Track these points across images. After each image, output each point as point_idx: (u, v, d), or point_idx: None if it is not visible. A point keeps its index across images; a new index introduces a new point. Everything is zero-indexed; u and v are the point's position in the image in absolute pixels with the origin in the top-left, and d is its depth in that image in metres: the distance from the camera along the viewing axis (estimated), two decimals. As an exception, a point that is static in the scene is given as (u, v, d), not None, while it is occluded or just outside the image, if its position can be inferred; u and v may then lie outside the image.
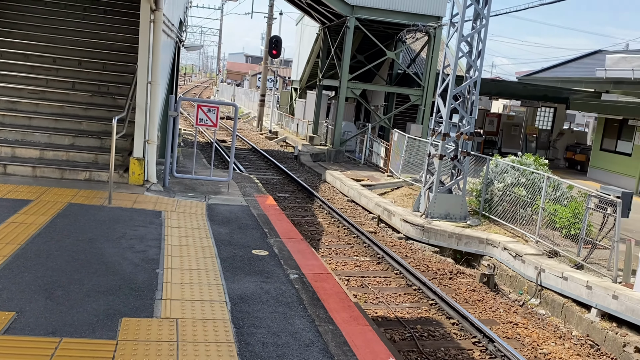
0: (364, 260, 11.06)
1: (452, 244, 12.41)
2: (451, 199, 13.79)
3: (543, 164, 13.79)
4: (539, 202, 12.16)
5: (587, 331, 8.84)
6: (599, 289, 8.88)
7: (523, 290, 10.59)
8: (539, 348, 8.01)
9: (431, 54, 23.11)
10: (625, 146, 20.96)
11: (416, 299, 9.33)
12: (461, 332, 8.17)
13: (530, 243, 11.87)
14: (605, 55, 31.33)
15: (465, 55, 13.80)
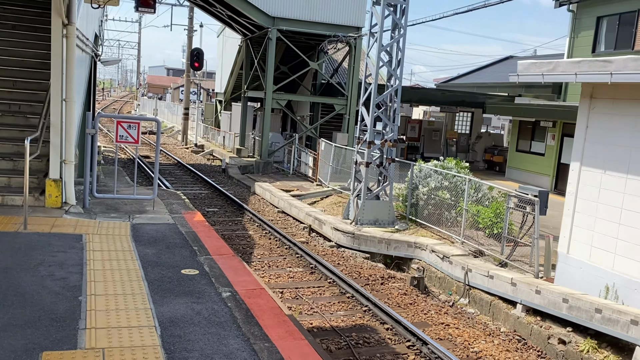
0: (297, 271, 11.01)
1: (382, 249, 12.60)
2: (379, 205, 14.02)
3: (464, 167, 14.29)
4: (462, 204, 12.57)
5: (514, 326, 9.19)
6: (523, 285, 9.26)
7: (452, 291, 10.88)
8: (471, 347, 8.23)
9: (353, 63, 23.51)
10: (538, 146, 22.11)
11: (350, 306, 9.38)
12: (395, 336, 8.28)
13: (457, 244, 12.23)
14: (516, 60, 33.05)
15: (385, 65, 14.11)
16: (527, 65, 9.79)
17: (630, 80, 7.92)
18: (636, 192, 8.34)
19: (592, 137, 9.17)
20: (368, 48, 14.43)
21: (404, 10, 13.92)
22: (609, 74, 8.11)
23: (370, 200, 13.89)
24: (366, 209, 13.76)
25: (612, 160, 8.77)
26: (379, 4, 13.69)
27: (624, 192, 8.53)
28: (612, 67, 8.11)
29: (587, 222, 9.20)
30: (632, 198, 8.41)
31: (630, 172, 8.45)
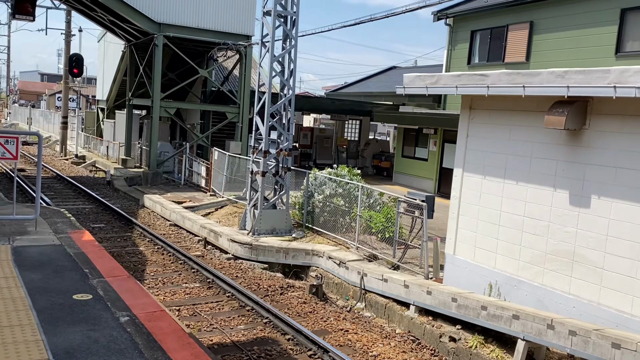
0: (193, 286, 10.75)
1: (281, 259, 12.65)
2: (276, 214, 14.07)
3: (356, 174, 14.74)
4: (356, 210, 12.96)
5: (408, 327, 9.60)
6: (415, 287, 9.71)
7: (349, 296, 11.16)
8: (370, 351, 8.49)
9: (244, 71, 23.41)
10: (422, 152, 23.33)
11: (250, 319, 9.32)
12: (297, 346, 8.35)
13: (352, 249, 12.58)
14: (400, 71, 34.60)
15: (278, 75, 14.22)
16: (413, 78, 10.31)
17: (504, 93, 8.60)
18: (512, 196, 9.07)
19: (472, 145, 9.83)
20: (260, 58, 14.47)
21: (295, 21, 14.11)
22: (485, 87, 8.76)
23: (267, 210, 13.89)
24: (263, 218, 13.75)
25: (490, 166, 9.46)
26: (270, 14, 13.77)
27: (502, 196, 9.24)
28: (488, 81, 8.76)
29: (470, 225, 9.85)
30: (509, 201, 9.13)
31: (506, 178, 9.17)
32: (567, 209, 8.24)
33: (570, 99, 7.83)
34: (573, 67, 7.89)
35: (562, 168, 8.31)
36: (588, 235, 7.95)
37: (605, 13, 16.50)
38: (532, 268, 8.75)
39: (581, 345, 7.08)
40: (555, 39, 18.06)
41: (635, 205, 7.38)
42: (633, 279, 7.41)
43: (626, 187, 7.51)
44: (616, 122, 7.64)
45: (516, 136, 9.03)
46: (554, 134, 8.37)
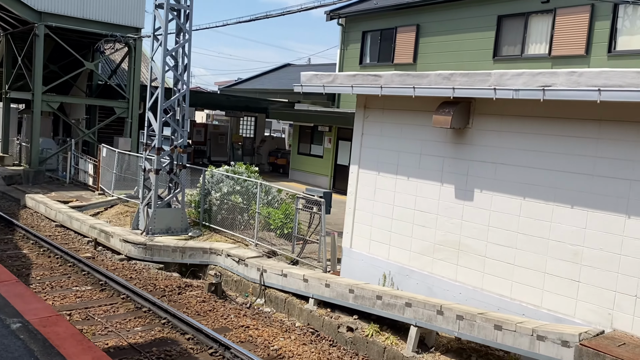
0: (85, 289, 10.26)
1: (177, 258, 12.39)
2: (171, 212, 13.74)
3: (254, 171, 14.77)
4: (255, 207, 12.99)
5: (307, 320, 9.81)
6: (314, 280, 9.94)
7: (249, 293, 11.19)
8: (271, 345, 8.59)
9: (133, 65, 22.55)
10: (317, 149, 23.79)
11: (148, 320, 9.07)
12: (197, 345, 8.26)
13: (251, 247, 12.60)
14: (293, 68, 34.95)
15: (171, 69, 13.88)
16: (310, 76, 10.52)
17: (396, 93, 9.04)
18: (404, 191, 9.56)
19: (367, 143, 10.23)
20: (152, 52, 14.03)
21: (188, 15, 13.85)
22: (379, 87, 9.15)
23: (161, 209, 13.53)
24: (157, 217, 13.38)
25: (384, 163, 9.90)
26: (162, 7, 13.40)
27: (395, 191, 9.71)
28: (381, 81, 9.16)
29: (366, 219, 10.25)
30: (401, 196, 9.61)
31: (399, 173, 9.65)
32: (453, 202, 8.84)
33: (456, 100, 8.40)
34: (456, 69, 8.48)
35: (449, 164, 8.90)
36: (472, 226, 8.58)
37: (483, 19, 17.77)
38: (423, 258, 9.29)
39: (467, 329, 7.64)
40: (440, 42, 19.16)
41: (513, 197, 8.08)
42: (512, 266, 8.11)
43: (504, 181, 8.19)
44: (496, 121, 8.31)
45: (407, 134, 9.52)
46: (441, 132, 8.93)
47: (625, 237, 6.94)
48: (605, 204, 7.12)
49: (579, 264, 7.36)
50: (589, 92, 6.66)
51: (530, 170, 7.90)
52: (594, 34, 15.15)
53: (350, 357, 8.61)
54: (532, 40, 16.69)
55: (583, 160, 7.34)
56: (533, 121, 7.86)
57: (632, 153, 6.89)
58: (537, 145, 7.82)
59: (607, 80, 6.54)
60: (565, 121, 7.52)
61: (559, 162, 7.58)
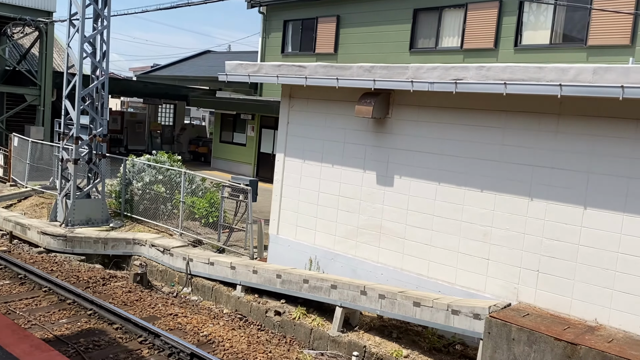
0: (3, 283, 9.90)
1: (99, 250, 12.17)
2: (91, 203, 13.42)
3: (177, 160, 14.65)
4: (179, 196, 12.95)
5: (235, 307, 10.01)
6: (242, 268, 10.14)
7: (175, 282, 11.21)
8: (200, 332, 8.73)
9: (45, 50, 21.55)
10: (240, 137, 23.79)
11: (73, 312, 8.94)
12: (126, 334, 8.26)
13: (176, 236, 12.57)
14: (214, 55, 34.52)
15: (89, 56, 13.47)
16: (235, 66, 10.63)
17: (320, 84, 9.35)
18: (329, 178, 9.93)
19: (293, 131, 10.50)
20: (69, 38, 13.54)
21: (107, 1, 13.47)
22: (304, 77, 9.43)
23: (80, 200, 13.18)
24: (77, 208, 13.03)
25: (310, 151, 10.22)
26: (79, -9, 12.97)
27: (320, 178, 10.06)
28: (306, 72, 9.44)
29: (292, 206, 10.54)
30: (326, 183, 9.98)
31: (324, 161, 10.00)
32: (375, 188, 9.30)
33: (377, 91, 8.83)
34: (375, 60, 8.93)
35: (371, 152, 9.34)
36: (392, 210, 9.09)
37: (401, 12, 18.44)
38: (347, 242, 9.72)
39: (389, 307, 8.14)
40: (360, 33, 19.69)
41: (429, 183, 8.64)
42: (429, 246, 8.68)
43: (421, 167, 8.74)
44: (413, 112, 8.83)
45: (331, 123, 9.88)
46: (364, 121, 9.35)
47: (528, 218, 7.65)
48: (510, 187, 7.80)
49: (489, 243, 8.03)
50: (496, 86, 7.26)
51: (444, 158, 8.47)
52: (502, 28, 16.15)
53: (278, 339, 8.91)
54: (445, 33, 17.53)
55: (491, 148, 7.98)
56: (447, 112, 8.43)
57: (534, 141, 7.58)
58: (450, 134, 8.40)
59: (512, 75, 7.16)
60: (475, 112, 8.13)
61: (470, 149, 8.19)
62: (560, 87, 6.76)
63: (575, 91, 6.71)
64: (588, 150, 7.15)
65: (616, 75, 6.40)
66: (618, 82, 6.36)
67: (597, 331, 6.85)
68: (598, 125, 7.07)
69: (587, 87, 6.61)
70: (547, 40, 15.26)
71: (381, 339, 8.38)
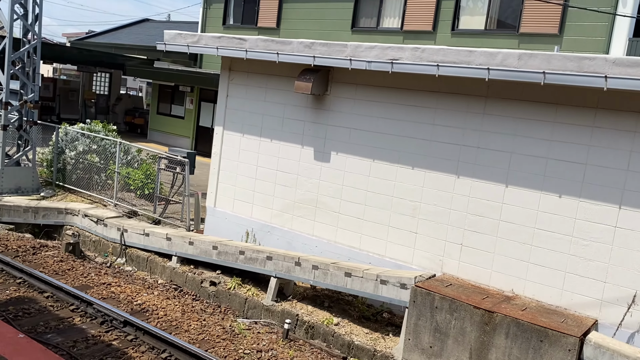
0: None
1: (29, 219, 11.85)
2: (21, 171, 12.99)
3: (112, 130, 14.36)
4: (113, 167, 12.74)
5: (170, 277, 10.05)
6: (178, 239, 10.17)
7: (108, 252, 11.10)
8: (134, 300, 8.76)
9: (-30, 9, 20.32)
10: (178, 110, 23.42)
11: (1, 281, 8.75)
12: (58, 303, 8.19)
13: (110, 207, 12.40)
14: (152, 24, 33.57)
15: (20, 18, 12.91)
16: (174, 35, 10.50)
17: (260, 58, 9.42)
18: (268, 152, 10.06)
19: (232, 105, 10.54)
20: (-2, -3, 12.90)
21: (40, -40, 12.90)
22: (244, 50, 9.47)
23: (10, 167, 12.73)
24: (5, 176, 12.60)
25: (249, 125, 10.30)
26: (10, -51, 12.36)
27: (259, 152, 10.18)
28: (246, 45, 9.48)
29: (230, 179, 10.63)
30: (265, 157, 10.11)
31: (262, 136, 10.12)
32: (312, 163, 9.52)
33: (316, 68, 9.00)
34: (317, 37, 9.07)
35: (309, 128, 9.54)
36: (328, 185, 9.35)
37: (344, -9, 18.56)
38: (283, 215, 9.92)
39: (322, 277, 8.44)
40: (303, 9, 19.69)
41: (364, 159, 8.93)
42: (362, 220, 9.02)
43: (357, 145, 9.02)
44: (351, 89, 9.06)
45: (271, 98, 9.99)
46: (303, 97, 9.51)
47: (454, 195, 8.09)
48: (440, 165, 8.20)
49: (417, 218, 8.44)
50: (429, 67, 7.58)
51: (379, 135, 8.78)
52: (440, 12, 16.60)
53: (213, 309, 9.06)
54: (387, 14, 17.83)
55: (423, 128, 8.34)
56: (383, 91, 8.71)
57: (463, 121, 7.99)
58: (385, 113, 8.70)
59: (445, 57, 7.50)
60: (409, 92, 8.45)
61: (403, 128, 8.52)
62: (488, 71, 7.15)
63: (501, 75, 7.11)
64: (511, 132, 7.61)
65: (539, 61, 6.84)
66: (540, 68, 6.80)
67: (513, 300, 7.40)
68: (521, 108, 7.54)
69: (512, 72, 7.02)
70: (482, 25, 15.82)
71: (313, 308, 8.68)
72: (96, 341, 7.18)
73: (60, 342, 6.98)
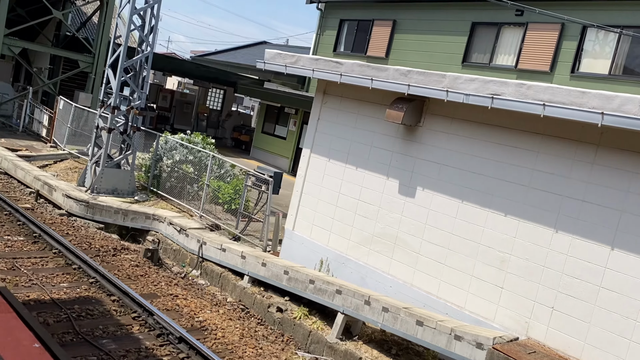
0: (17, 240, 10.02)
1: (119, 220, 12.21)
2: (119, 174, 13.51)
3: (210, 143, 14.61)
4: (205, 178, 12.88)
5: (239, 297, 9.82)
6: (252, 258, 9.94)
7: (186, 263, 11.13)
8: (196, 316, 8.58)
9: (104, 20, 21.99)
10: (281, 130, 23.69)
11: (76, 278, 8.94)
12: (122, 308, 8.19)
13: (195, 218, 12.51)
14: (269, 46, 34.62)
15: (137, 29, 13.57)
16: (273, 55, 10.44)
17: (354, 83, 9.04)
18: (351, 180, 9.62)
19: (322, 128, 10.24)
20: (120, 7, 13.68)
21: (162, -24, 13.53)
22: (339, 74, 9.15)
23: (110, 169, 13.28)
24: (105, 177, 13.14)
25: (336, 150, 9.93)
26: (136, -36, 13.06)
27: (342, 179, 9.76)
28: (342, 69, 9.16)
29: (311, 203, 10.28)
30: (348, 185, 9.67)
31: (348, 162, 9.70)
32: (395, 196, 8.93)
33: (411, 97, 8.46)
34: (426, 70, 8.51)
35: (396, 159, 8.98)
36: (410, 222, 8.70)
37: (458, 23, 17.91)
38: (360, 248, 9.38)
39: (391, 321, 7.77)
40: (414, 40, 19.26)
41: (452, 199, 8.21)
42: (442, 265, 8.27)
43: (446, 182, 8.32)
44: (445, 123, 8.42)
45: (361, 125, 9.56)
46: (393, 127, 9.00)
47: (550, 250, 7.15)
48: (536, 215, 7.31)
49: (505, 271, 7.56)
50: (534, 105, 6.80)
51: (471, 175, 8.04)
52: (560, 52, 15.46)
53: (275, 337, 8.67)
54: (501, 50, 16.93)
55: (521, 171, 7.50)
56: (480, 127, 7.99)
57: (568, 170, 7.07)
58: (480, 151, 7.96)
59: (553, 97, 6.69)
60: (509, 131, 7.67)
61: (498, 170, 7.73)
62: (602, 116, 6.25)
63: (617, 122, 6.19)
64: (624, 188, 6.61)
65: (665, 109, 5.87)
66: (666, 117, 5.82)
67: (607, 382, 6.32)
68: (638, 161, 6.52)
69: (631, 120, 6.08)
70: (606, 70, 14.50)
71: (379, 354, 8.02)
72: (148, 354, 7.01)
73: (113, 349, 6.88)
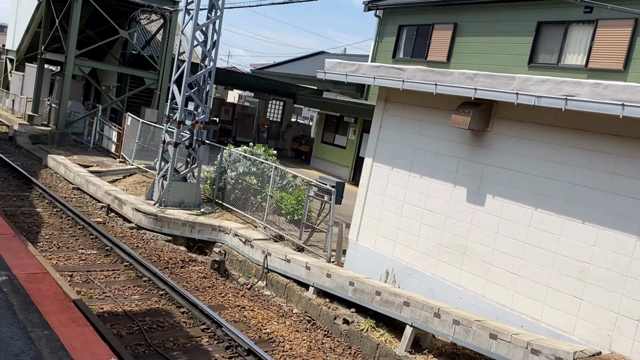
0: (90, 253, 10.37)
1: (186, 232, 12.45)
2: (186, 187, 13.80)
3: (272, 154, 14.72)
4: (268, 190, 12.96)
5: (305, 308, 9.76)
6: (316, 269, 9.87)
7: (252, 274, 11.18)
8: (264, 328, 8.57)
9: (167, 38, 22.67)
10: (341, 140, 23.64)
11: (146, 290, 9.13)
12: (191, 320, 8.28)
13: (259, 229, 12.58)
14: (327, 56, 34.75)
15: (200, 45, 13.87)
16: (334, 64, 10.40)
17: (417, 89, 8.85)
18: (416, 189, 9.40)
19: (384, 136, 10.08)
20: (183, 25, 14.03)
21: (222, -9, 13.78)
22: (401, 81, 8.98)
23: (176, 182, 13.59)
24: (172, 190, 13.45)
25: (399, 158, 9.74)
26: (197, -19, 13.37)
27: (407, 188, 9.56)
28: (404, 75, 8.99)
29: (375, 213, 10.12)
30: (412, 193, 9.45)
31: (412, 171, 9.49)
32: (464, 205, 8.65)
33: (477, 101, 8.19)
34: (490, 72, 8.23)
35: (464, 166, 8.70)
36: (480, 231, 8.40)
37: (523, 24, 17.33)
38: (427, 258, 9.13)
39: (463, 334, 7.49)
40: (476, 43, 18.78)
41: (525, 207, 7.86)
42: (516, 276, 7.91)
43: (518, 189, 7.98)
44: (515, 127, 8.09)
45: (425, 131, 9.35)
46: (459, 132, 8.73)
47: (634, 259, 6.70)
48: (617, 223, 6.87)
49: (584, 281, 7.14)
50: (612, 106, 6.41)
51: (545, 181, 7.67)
52: (634, 49, 14.65)
53: (342, 349, 8.53)
54: (570, 50, 16.23)
55: (600, 176, 7.09)
56: (553, 130, 7.62)
57: (652, 173, 6.62)
58: (554, 156, 7.59)
59: (633, 96, 6.29)
60: (585, 133, 7.27)
61: (574, 175, 7.34)
62: (690, 114, 5.82)
63: None
64: None
65: None
66: None
67: None
68: None
69: None
70: (687, 65, 13.62)
71: (450, 368, 7.74)
72: (217, 366, 7.03)
73: (183, 361, 6.95)
